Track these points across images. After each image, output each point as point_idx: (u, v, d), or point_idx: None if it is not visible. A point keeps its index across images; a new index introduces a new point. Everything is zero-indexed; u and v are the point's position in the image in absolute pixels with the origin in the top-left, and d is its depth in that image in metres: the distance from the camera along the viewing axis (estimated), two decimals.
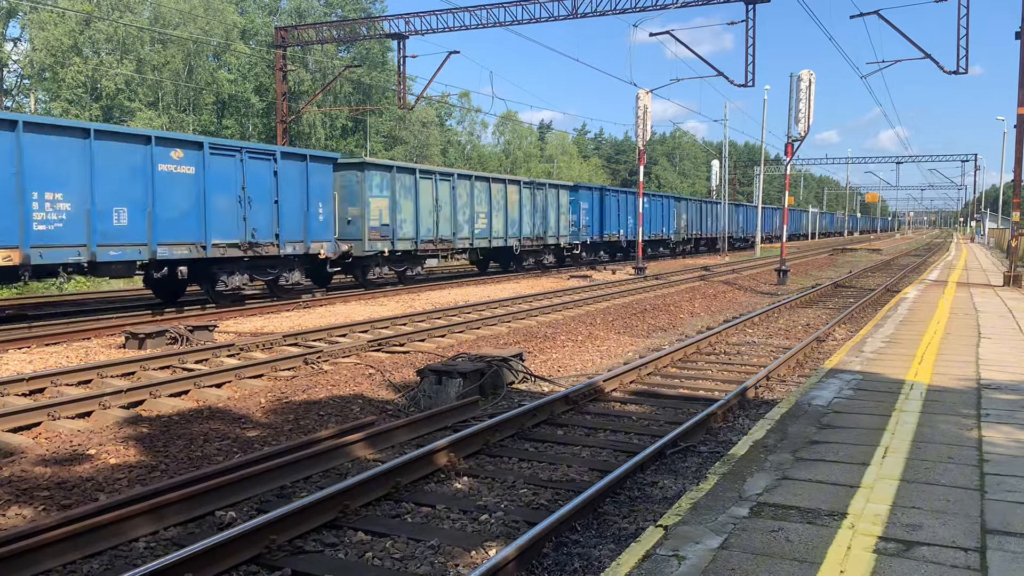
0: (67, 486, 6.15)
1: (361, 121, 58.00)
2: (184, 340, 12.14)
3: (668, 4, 26.40)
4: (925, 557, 3.76)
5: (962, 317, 13.77)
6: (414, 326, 14.32)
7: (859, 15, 25.19)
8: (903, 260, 43.69)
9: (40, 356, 11.24)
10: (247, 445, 7.36)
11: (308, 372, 10.40)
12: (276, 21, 54.01)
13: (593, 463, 6.77)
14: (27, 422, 7.70)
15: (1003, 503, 4.52)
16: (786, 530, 4.12)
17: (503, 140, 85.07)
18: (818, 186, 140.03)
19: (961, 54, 24.83)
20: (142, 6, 48.25)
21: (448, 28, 29.62)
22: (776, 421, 6.41)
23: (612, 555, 4.76)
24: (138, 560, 4.84)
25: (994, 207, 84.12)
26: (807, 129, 24.94)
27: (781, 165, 54.52)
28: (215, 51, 52.58)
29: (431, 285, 23.09)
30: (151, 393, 8.86)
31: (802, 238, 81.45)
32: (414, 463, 6.25)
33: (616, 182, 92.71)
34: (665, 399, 9.29)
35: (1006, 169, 79.38)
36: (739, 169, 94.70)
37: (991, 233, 63.43)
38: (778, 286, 25.61)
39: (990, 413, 6.68)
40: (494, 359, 9.67)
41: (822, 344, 13.41)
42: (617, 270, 31.29)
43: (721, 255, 46.61)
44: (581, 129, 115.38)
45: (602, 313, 16.64)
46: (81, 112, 43.21)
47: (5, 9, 44.94)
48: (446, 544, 5.05)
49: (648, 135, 28.62)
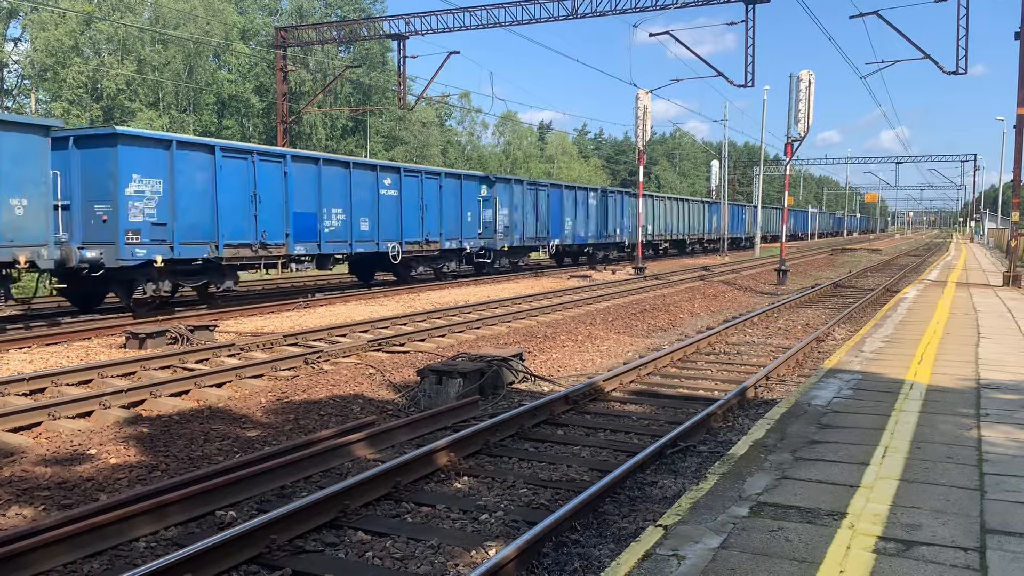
0: (67, 486, 6.15)
1: (361, 121, 58.01)
2: (184, 340, 12.14)
3: (668, 4, 26.42)
4: (925, 557, 3.77)
5: (961, 317, 13.77)
6: (414, 326, 14.33)
7: (859, 15, 25.21)
8: (902, 260, 43.69)
9: (41, 356, 11.24)
10: (247, 445, 7.36)
11: (308, 372, 10.41)
12: (276, 21, 54.03)
13: (593, 463, 6.78)
14: (28, 422, 7.71)
15: (1003, 503, 4.53)
16: (786, 530, 4.12)
17: (503, 140, 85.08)
18: (818, 186, 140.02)
19: (960, 54, 24.85)
20: (142, 6, 48.24)
21: (448, 28, 29.64)
22: (776, 421, 6.41)
23: (612, 555, 4.76)
24: (138, 560, 4.85)
25: (993, 207, 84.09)
26: (807, 129, 24.95)
27: (781, 165, 54.58)
28: (215, 51, 52.58)
29: (431, 285, 23.09)
30: (151, 393, 8.87)
31: (801, 238, 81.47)
32: (414, 463, 6.26)
33: (616, 182, 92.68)
34: (665, 399, 9.30)
35: (1005, 169, 79.27)
36: (739, 169, 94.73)
37: (990, 233, 63.44)
38: (778, 286, 25.62)
39: (989, 413, 6.69)
40: (494, 359, 9.68)
41: (822, 344, 13.42)
42: (617, 270, 31.29)
43: (721, 255, 46.61)
44: (581, 129, 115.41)
45: (602, 313, 16.65)
46: (82, 112, 43.21)
47: (6, 9, 44.94)
48: (446, 544, 5.05)
49: (648, 135, 28.62)
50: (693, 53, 31.70)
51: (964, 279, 23.73)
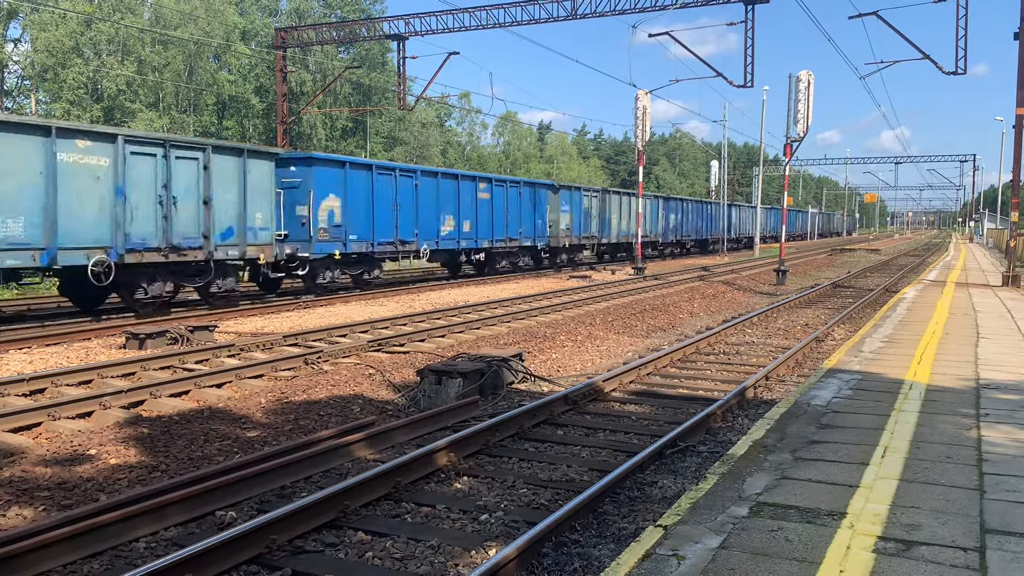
0: (67, 486, 6.15)
1: (361, 122, 58.01)
2: (184, 340, 12.14)
3: (668, 5, 26.41)
4: (924, 557, 3.77)
5: (961, 317, 13.78)
6: (414, 326, 14.33)
7: (858, 16, 25.19)
8: (902, 260, 43.70)
9: (40, 356, 11.24)
10: (247, 445, 7.36)
11: (308, 372, 10.41)
12: (276, 22, 54.02)
13: (593, 463, 6.78)
14: (28, 422, 7.71)
15: (1002, 503, 4.53)
16: (785, 530, 4.12)
17: (503, 141, 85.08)
18: (817, 186, 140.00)
19: (960, 55, 24.83)
20: (143, 7, 48.25)
21: (448, 29, 29.62)
22: (775, 421, 6.41)
23: (612, 555, 4.76)
24: (138, 560, 4.85)
25: (993, 207, 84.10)
26: (806, 130, 24.96)
27: (780, 165, 54.54)
28: (216, 52, 52.59)
29: (431, 285, 23.11)
30: (151, 393, 8.87)
31: (800, 238, 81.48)
32: (414, 463, 6.26)
33: (616, 183, 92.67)
34: (664, 399, 9.30)
35: (1005, 169, 79.29)
36: (738, 170, 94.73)
37: (990, 233, 63.40)
38: (777, 286, 25.62)
39: (989, 413, 6.69)
40: (494, 359, 9.68)
41: (821, 344, 13.42)
42: (616, 270, 31.30)
43: (720, 255, 46.61)
44: (581, 130, 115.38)
45: (602, 313, 16.65)
46: (82, 113, 43.20)
47: (6, 10, 44.93)
48: (446, 544, 5.05)
49: (647, 136, 28.63)
50: (692, 54, 31.72)
51: (963, 279, 23.74)
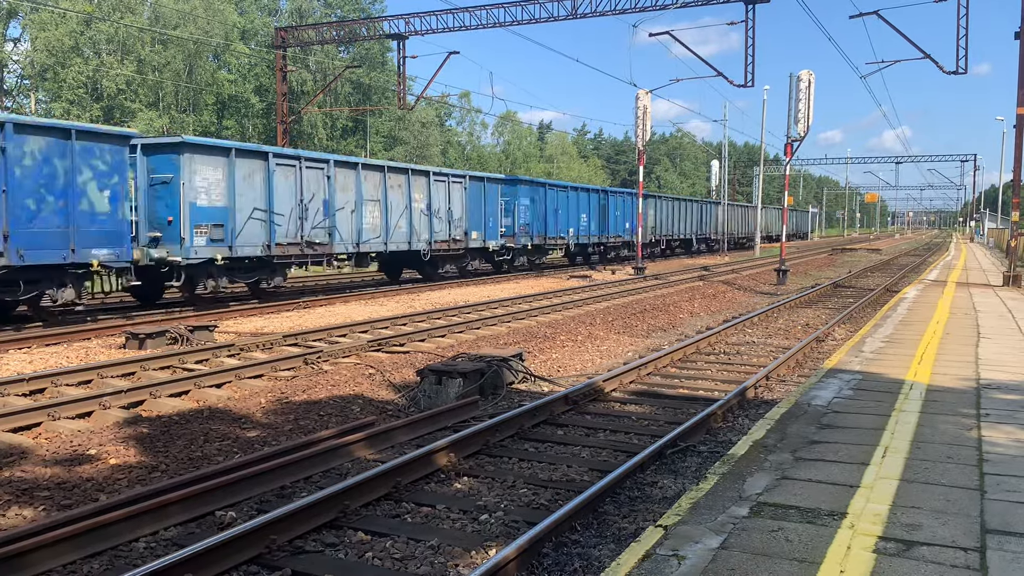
0: (67, 486, 6.15)
1: (361, 121, 58.00)
2: (184, 340, 12.14)
3: (668, 4, 26.41)
4: (925, 557, 3.76)
5: (961, 317, 13.77)
6: (414, 326, 14.32)
7: (859, 15, 25.19)
8: (902, 260, 43.68)
9: (40, 356, 11.24)
10: (247, 445, 7.36)
11: (308, 372, 10.41)
12: (276, 22, 54.01)
13: (593, 463, 6.77)
14: (27, 422, 7.70)
15: (1003, 503, 4.53)
16: (786, 530, 4.12)
17: (503, 140, 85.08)
18: (817, 186, 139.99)
19: (960, 54, 24.83)
20: (142, 7, 48.24)
21: (448, 28, 29.63)
22: (776, 421, 6.41)
23: (612, 555, 4.76)
24: (138, 560, 4.85)
25: (993, 207, 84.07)
26: (807, 129, 24.95)
27: (780, 165, 54.54)
28: (215, 52, 52.58)
29: (431, 285, 23.10)
30: (151, 393, 8.86)
31: (801, 238, 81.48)
32: (414, 463, 6.25)
33: (616, 182, 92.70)
34: (665, 399, 9.30)
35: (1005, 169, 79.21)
36: (739, 169, 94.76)
37: (990, 233, 63.40)
38: (778, 286, 25.61)
39: (990, 413, 6.69)
40: (494, 359, 9.67)
41: (822, 344, 13.41)
42: (617, 270, 31.30)
43: (721, 255, 46.60)
44: (581, 129, 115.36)
45: (602, 313, 16.65)
46: (82, 113, 43.19)
47: (6, 9, 44.95)
48: (446, 544, 5.05)
49: (648, 135, 28.62)
50: (693, 53, 31.70)
51: (964, 279, 23.73)
